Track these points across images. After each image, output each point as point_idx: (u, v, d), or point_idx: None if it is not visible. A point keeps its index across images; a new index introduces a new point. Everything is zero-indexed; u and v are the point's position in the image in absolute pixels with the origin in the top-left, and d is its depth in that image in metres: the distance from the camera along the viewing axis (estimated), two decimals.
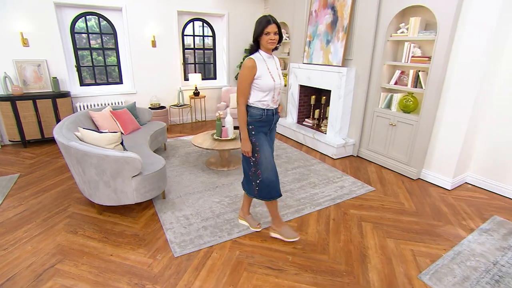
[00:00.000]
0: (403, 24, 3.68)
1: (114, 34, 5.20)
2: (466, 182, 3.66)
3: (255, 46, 2.15)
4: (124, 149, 2.90)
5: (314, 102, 5.04)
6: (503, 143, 3.27)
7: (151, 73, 5.50)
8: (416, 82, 3.61)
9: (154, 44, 5.38)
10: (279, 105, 2.37)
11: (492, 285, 2.07)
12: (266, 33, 2.03)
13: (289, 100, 5.35)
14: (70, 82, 4.91)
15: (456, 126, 3.30)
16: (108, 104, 5.08)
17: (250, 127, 2.21)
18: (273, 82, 2.15)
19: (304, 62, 4.90)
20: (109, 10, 5.01)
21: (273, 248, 2.38)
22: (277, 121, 2.36)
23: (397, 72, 3.82)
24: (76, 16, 4.83)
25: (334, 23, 4.28)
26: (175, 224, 2.65)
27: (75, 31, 4.90)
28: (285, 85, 5.53)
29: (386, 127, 3.90)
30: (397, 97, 3.79)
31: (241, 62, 6.19)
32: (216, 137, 3.75)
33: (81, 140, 2.72)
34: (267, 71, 2.12)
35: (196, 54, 6.15)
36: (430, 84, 3.36)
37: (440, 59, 3.22)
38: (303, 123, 5.26)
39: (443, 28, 3.15)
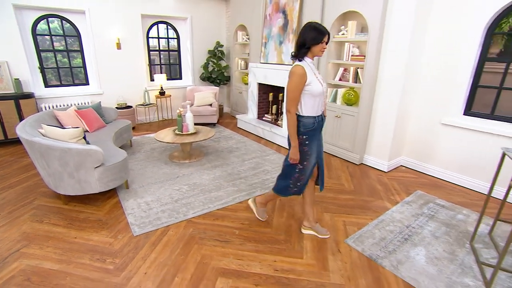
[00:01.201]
0: (343, 26, 4.14)
1: (78, 36, 5.32)
2: (401, 165, 4.18)
3: (303, 53, 2.13)
4: (87, 143, 3.12)
5: (272, 99, 5.43)
6: (428, 128, 3.80)
7: (117, 74, 5.67)
8: (356, 78, 4.08)
9: (119, 46, 5.55)
10: None
11: (402, 242, 2.52)
12: (322, 41, 2.08)
13: (249, 97, 5.72)
14: (34, 84, 4.98)
15: (388, 115, 3.79)
16: (75, 105, 5.19)
17: (304, 137, 2.20)
18: (321, 86, 2.16)
19: (261, 61, 5.30)
20: (72, 13, 5.13)
21: (223, 225, 2.71)
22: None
23: (341, 70, 4.28)
24: (38, 18, 4.92)
25: (285, 26, 4.69)
26: (136, 209, 2.91)
27: (37, 33, 4.99)
28: (246, 83, 5.87)
29: (333, 119, 4.35)
30: (341, 91, 4.25)
31: (205, 63, 6.49)
32: (178, 132, 4.03)
33: (44, 136, 2.92)
34: (314, 76, 2.14)
35: (161, 56, 6.37)
36: (366, 79, 3.83)
37: (372, 57, 3.70)
38: (263, 118, 5.65)
39: (373, 30, 3.62)
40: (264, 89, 5.55)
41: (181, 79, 6.71)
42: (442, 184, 3.65)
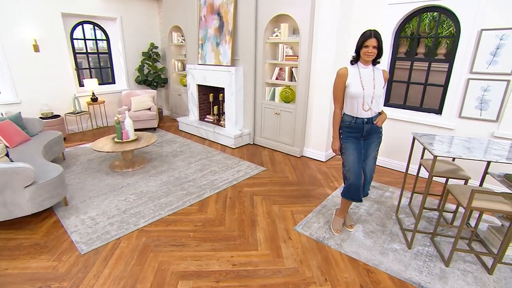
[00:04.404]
0: (276, 28, 4.39)
1: None
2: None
3: (356, 57, 2.27)
4: (11, 161, 2.80)
5: (212, 100, 5.48)
6: None
7: (38, 80, 5.08)
8: (291, 77, 4.38)
9: (36, 48, 4.98)
10: (381, 114, 2.40)
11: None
12: (365, 45, 2.16)
13: (190, 99, 5.68)
14: None
15: (322, 109, 4.16)
16: None
17: (341, 131, 2.45)
18: (361, 90, 2.24)
19: (199, 63, 5.30)
20: None
21: (176, 230, 2.71)
22: (375, 131, 2.40)
23: (277, 69, 4.54)
24: None
25: (221, 27, 4.77)
26: (80, 226, 2.73)
27: None
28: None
29: (273, 116, 4.60)
30: (278, 90, 4.51)
31: (140, 65, 6.24)
32: (117, 140, 3.84)
33: None
34: (358, 79, 2.24)
35: (90, 59, 5.89)
36: (300, 77, 4.13)
37: (304, 57, 4.01)
38: (205, 119, 5.68)
39: (303, 32, 3.93)
40: (204, 90, 5.56)
41: (114, 83, 6.30)
42: None
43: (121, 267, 2.25)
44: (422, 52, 3.95)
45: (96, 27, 5.81)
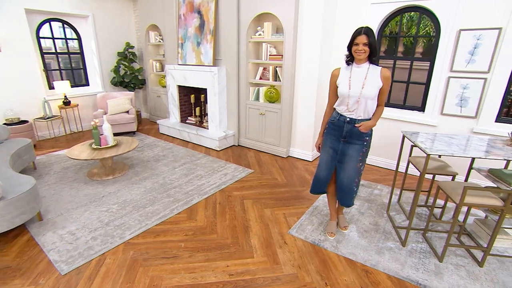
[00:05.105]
0: (259, 27, 4.30)
1: None
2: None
3: (351, 56, 2.19)
4: None
5: (194, 101, 5.31)
6: None
7: (0, 83, 4.67)
8: (276, 76, 4.31)
9: None
10: (372, 119, 2.26)
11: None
12: (355, 43, 2.08)
13: (170, 100, 5.47)
14: None
15: (308, 109, 4.13)
16: None
17: (326, 126, 2.44)
18: (347, 90, 2.17)
19: (179, 63, 5.11)
20: None
21: (166, 240, 2.56)
22: (357, 136, 2.26)
23: (260, 69, 4.46)
24: None
25: (202, 26, 4.61)
26: (59, 243, 2.51)
27: None
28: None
29: (258, 116, 4.52)
30: (262, 90, 4.44)
31: (116, 66, 5.93)
32: (95, 146, 3.60)
33: None
34: (347, 79, 2.19)
35: (60, 59, 5.51)
36: (285, 77, 4.08)
37: (289, 56, 3.95)
38: (187, 121, 5.50)
39: (288, 31, 3.87)
40: (185, 91, 5.38)
41: (88, 85, 5.94)
42: None
43: (109, 286, 2.08)
44: (401, 51, 4.03)
45: (65, 25, 5.44)
